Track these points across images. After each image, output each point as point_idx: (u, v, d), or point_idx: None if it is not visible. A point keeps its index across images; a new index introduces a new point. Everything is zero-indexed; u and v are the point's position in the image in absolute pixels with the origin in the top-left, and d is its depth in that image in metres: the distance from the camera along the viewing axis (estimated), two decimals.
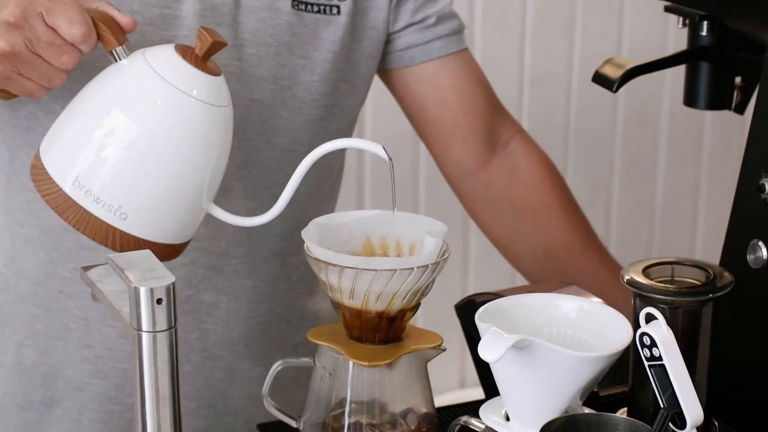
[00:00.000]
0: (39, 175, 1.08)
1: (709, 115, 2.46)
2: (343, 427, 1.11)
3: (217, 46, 1.08)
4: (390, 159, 1.10)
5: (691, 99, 1.24)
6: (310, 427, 1.13)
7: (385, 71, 1.38)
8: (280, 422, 1.15)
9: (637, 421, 0.99)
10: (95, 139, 1.06)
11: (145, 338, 0.88)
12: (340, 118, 1.34)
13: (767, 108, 1.09)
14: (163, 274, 0.89)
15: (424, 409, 1.13)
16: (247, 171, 1.29)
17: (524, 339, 0.98)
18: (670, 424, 0.99)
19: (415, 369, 1.13)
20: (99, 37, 1.06)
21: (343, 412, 1.11)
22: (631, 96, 2.39)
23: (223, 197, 1.28)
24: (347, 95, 1.33)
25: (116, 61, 1.08)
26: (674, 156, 2.48)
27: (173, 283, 0.88)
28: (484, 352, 0.97)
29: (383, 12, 1.32)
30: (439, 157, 1.41)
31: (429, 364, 1.14)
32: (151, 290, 0.87)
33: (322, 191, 1.36)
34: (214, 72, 1.09)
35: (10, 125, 1.27)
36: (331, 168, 1.37)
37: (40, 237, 1.28)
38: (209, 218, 1.26)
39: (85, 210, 1.06)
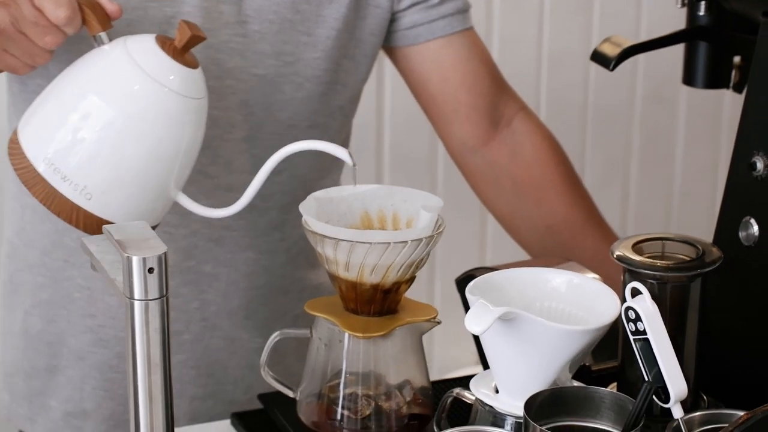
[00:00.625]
0: (14, 150, 1.12)
1: (728, 93, 2.45)
2: (339, 397, 1.13)
3: (195, 39, 1.10)
4: (354, 164, 1.13)
5: (689, 78, 1.26)
6: (307, 397, 1.15)
7: (390, 49, 1.40)
8: (280, 392, 1.18)
9: (622, 394, 1.01)
10: (69, 120, 1.09)
11: (137, 306, 0.90)
12: (342, 94, 1.36)
13: (759, 87, 1.10)
14: (155, 245, 0.91)
15: (419, 381, 1.15)
16: (250, 145, 1.31)
17: (510, 311, 1.00)
18: (654, 398, 1.01)
19: (410, 341, 1.14)
20: (83, 21, 1.09)
21: (339, 383, 1.13)
22: (649, 74, 2.40)
23: (226, 170, 1.30)
24: (350, 72, 1.35)
25: (98, 46, 1.11)
26: (692, 134, 2.49)
27: (165, 253, 0.90)
28: (471, 324, 0.99)
29: None
30: (443, 133, 1.43)
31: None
32: (143, 259, 0.90)
33: (323, 165, 1.38)
34: (191, 64, 1.11)
35: (20, 98, 1.30)
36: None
37: None
38: (210, 192, 1.29)
39: (51, 187, 1.09)
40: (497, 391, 1.07)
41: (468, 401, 1.10)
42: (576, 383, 1.08)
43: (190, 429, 1.28)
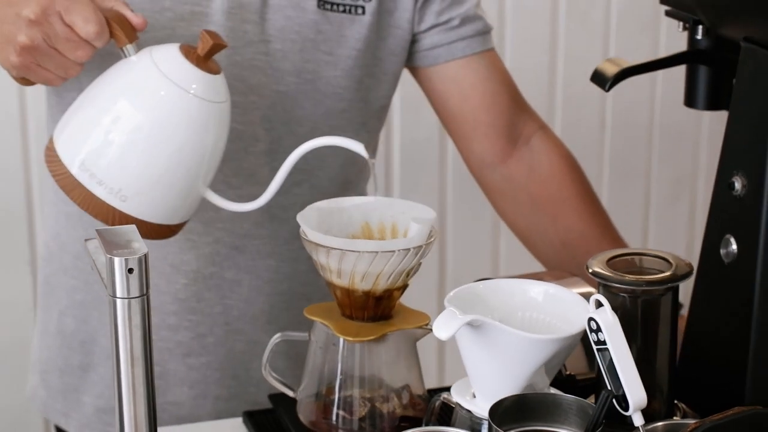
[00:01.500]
0: (51, 157, 1.20)
1: None
2: (334, 398, 1.19)
3: (217, 47, 1.18)
4: (370, 158, 1.20)
5: (690, 99, 1.29)
6: (307, 397, 1.22)
7: (412, 68, 1.45)
8: None
9: (586, 401, 1.05)
10: (101, 126, 1.17)
11: (119, 304, 0.97)
12: (364, 110, 1.41)
13: (740, 109, 1.13)
14: (138, 247, 0.98)
15: (413, 386, 1.20)
16: (271, 158, 1.38)
17: (477, 319, 1.05)
18: (616, 405, 1.05)
19: (404, 347, 1.20)
20: (111, 34, 1.17)
21: (334, 385, 1.19)
22: None
23: (248, 181, 1.37)
24: (372, 89, 1.41)
25: (126, 57, 1.19)
26: None
27: (145, 255, 0.97)
28: (438, 330, 1.04)
29: (408, 12, 1.39)
30: (462, 150, 1.48)
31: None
32: (125, 260, 0.97)
33: (346, 179, 1.44)
34: (213, 71, 1.19)
35: (57, 110, 1.39)
36: (355, 158, 1.45)
37: (79, 214, 1.38)
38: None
39: (88, 191, 1.17)
40: (475, 396, 1.12)
41: (452, 405, 1.15)
42: (553, 390, 1.12)
43: (205, 425, 1.35)
